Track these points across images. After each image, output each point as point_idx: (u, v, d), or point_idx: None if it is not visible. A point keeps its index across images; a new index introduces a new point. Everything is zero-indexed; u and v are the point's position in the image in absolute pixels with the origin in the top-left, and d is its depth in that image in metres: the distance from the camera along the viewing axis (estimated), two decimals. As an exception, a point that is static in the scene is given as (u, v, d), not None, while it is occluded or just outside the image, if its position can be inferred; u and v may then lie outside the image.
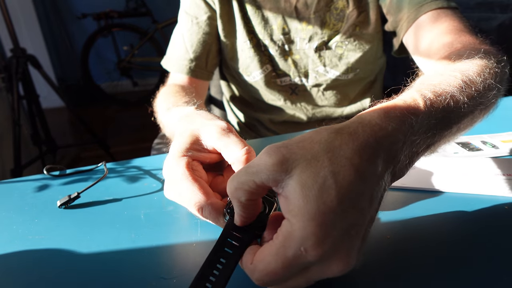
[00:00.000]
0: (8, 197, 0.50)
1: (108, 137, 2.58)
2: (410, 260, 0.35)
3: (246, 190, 0.29)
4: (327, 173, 0.26)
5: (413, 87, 0.37)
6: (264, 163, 0.28)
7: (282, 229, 0.27)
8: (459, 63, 0.44)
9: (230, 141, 0.39)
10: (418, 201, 0.44)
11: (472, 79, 0.39)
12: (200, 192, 0.36)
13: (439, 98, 0.34)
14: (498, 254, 0.35)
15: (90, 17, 3.15)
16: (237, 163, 0.38)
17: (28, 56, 1.83)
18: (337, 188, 0.26)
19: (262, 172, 0.28)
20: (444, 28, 0.62)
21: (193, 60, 0.76)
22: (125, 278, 0.34)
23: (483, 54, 0.46)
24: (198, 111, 0.48)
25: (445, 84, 0.37)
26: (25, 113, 1.97)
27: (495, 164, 0.50)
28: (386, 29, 0.73)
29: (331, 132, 0.29)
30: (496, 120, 0.66)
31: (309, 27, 0.74)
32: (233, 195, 0.29)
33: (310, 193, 0.26)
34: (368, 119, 0.30)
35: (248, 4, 0.74)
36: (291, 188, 0.27)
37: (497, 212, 0.41)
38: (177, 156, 0.39)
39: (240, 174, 0.29)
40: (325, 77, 0.77)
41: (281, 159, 0.27)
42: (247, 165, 0.29)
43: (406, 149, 0.31)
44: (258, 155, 0.29)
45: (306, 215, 0.26)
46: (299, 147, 0.28)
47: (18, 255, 0.38)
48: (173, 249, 0.38)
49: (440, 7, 0.64)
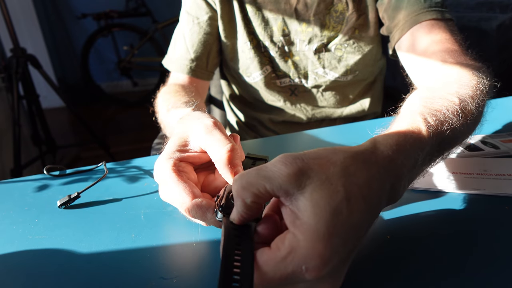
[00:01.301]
0: (8, 197, 0.50)
1: (108, 137, 2.58)
2: (410, 260, 0.35)
3: (253, 192, 0.28)
4: (340, 198, 0.27)
5: (416, 109, 0.39)
6: (278, 171, 0.28)
7: (286, 242, 0.27)
8: (456, 86, 0.46)
9: (213, 139, 0.39)
10: (418, 201, 0.44)
11: (468, 106, 0.42)
12: (184, 192, 0.37)
13: (441, 128, 0.37)
14: (498, 253, 0.35)
15: (90, 17, 3.15)
16: (219, 162, 0.38)
17: (28, 56, 1.83)
18: (347, 215, 0.27)
19: (275, 180, 0.28)
20: (437, 40, 0.62)
21: (194, 60, 0.76)
22: (125, 278, 0.34)
23: (476, 72, 0.49)
24: (192, 112, 0.48)
25: (445, 110, 0.39)
26: (25, 113, 1.97)
27: (495, 164, 0.50)
28: (381, 32, 0.73)
29: (347, 156, 0.29)
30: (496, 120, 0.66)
31: (308, 29, 0.74)
32: (239, 194, 0.29)
33: (321, 214, 0.26)
34: (381, 150, 0.32)
35: (249, 5, 0.74)
36: (302, 204, 0.27)
37: (497, 212, 0.41)
38: (164, 159, 0.40)
39: (251, 175, 0.29)
40: (324, 79, 0.77)
41: (297, 172, 0.28)
42: (259, 167, 0.29)
43: (406, 182, 0.34)
44: (273, 161, 0.29)
45: (315, 235, 0.26)
46: (316, 164, 0.28)
47: (18, 255, 0.38)
48: (173, 249, 0.38)
49: (435, 18, 0.64)
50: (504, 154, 0.53)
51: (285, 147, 0.64)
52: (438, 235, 0.38)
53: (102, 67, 3.51)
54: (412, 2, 0.65)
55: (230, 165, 0.37)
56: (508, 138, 0.58)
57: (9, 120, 1.79)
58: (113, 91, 3.54)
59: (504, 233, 0.38)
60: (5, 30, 1.82)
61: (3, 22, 1.81)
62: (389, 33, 0.70)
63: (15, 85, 1.74)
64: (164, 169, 0.39)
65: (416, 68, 0.65)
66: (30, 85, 1.85)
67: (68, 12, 3.33)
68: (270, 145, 0.64)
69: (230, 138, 0.40)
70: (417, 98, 0.43)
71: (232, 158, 0.37)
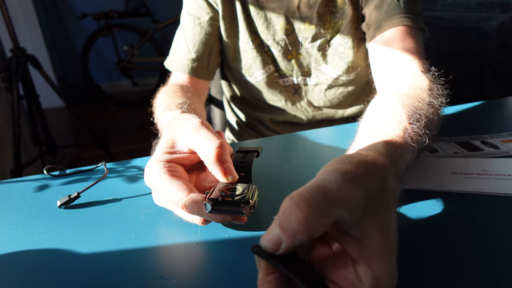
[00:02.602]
0: (8, 197, 0.50)
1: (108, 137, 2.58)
2: (410, 260, 0.35)
3: (325, 224, 0.24)
4: (392, 218, 0.27)
5: (403, 119, 0.42)
6: (348, 195, 0.24)
7: (364, 279, 0.24)
8: (427, 95, 0.50)
9: (201, 138, 0.39)
10: (418, 201, 0.44)
11: (435, 114, 0.47)
12: (179, 189, 0.37)
13: (423, 138, 0.41)
14: (499, 253, 0.35)
15: (90, 17, 3.15)
16: (208, 160, 0.38)
17: (28, 56, 1.83)
18: (395, 233, 0.28)
19: (346, 206, 0.24)
20: (409, 48, 0.65)
21: (195, 60, 0.76)
22: (125, 278, 0.34)
23: (439, 84, 0.55)
24: (180, 115, 0.49)
25: (424, 118, 0.43)
26: (25, 113, 1.97)
27: (495, 164, 0.50)
28: (362, 27, 0.73)
29: (385, 174, 0.29)
30: (496, 120, 0.66)
31: (311, 27, 0.74)
32: (307, 228, 0.23)
33: (388, 239, 0.26)
34: (394, 160, 0.34)
35: (251, 5, 0.74)
36: (368, 232, 0.25)
37: (497, 212, 0.41)
38: (153, 162, 0.40)
39: (318, 200, 0.24)
40: (326, 76, 0.77)
41: (364, 196, 0.25)
42: (322, 189, 0.25)
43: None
44: (333, 181, 0.25)
45: (388, 262, 0.25)
46: (367, 181, 0.27)
47: (18, 255, 0.38)
48: (173, 249, 0.38)
49: (410, 25, 0.66)
50: (504, 154, 0.53)
51: (286, 147, 0.64)
52: (437, 235, 0.38)
53: (102, 67, 3.51)
54: (392, 6, 0.67)
55: (219, 161, 0.37)
56: (508, 138, 0.58)
57: (9, 120, 1.79)
58: (113, 91, 3.54)
59: (504, 233, 0.38)
60: (5, 30, 1.82)
61: (3, 22, 1.81)
62: (366, 30, 0.72)
63: (15, 85, 1.74)
64: (155, 172, 0.39)
65: (383, 69, 0.67)
66: (30, 85, 1.85)
67: (68, 12, 3.33)
68: (270, 144, 0.64)
69: (217, 135, 0.40)
70: (398, 104, 0.46)
71: (221, 154, 0.37)
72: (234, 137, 0.95)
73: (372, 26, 0.69)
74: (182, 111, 0.53)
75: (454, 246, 0.36)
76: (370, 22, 0.70)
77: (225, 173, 0.38)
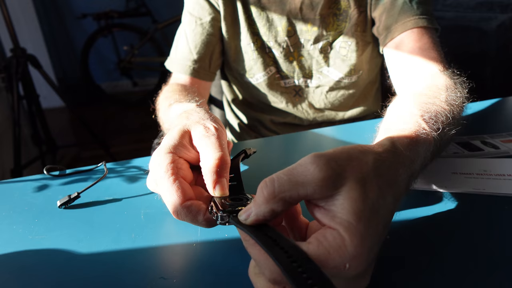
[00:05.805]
0: (8, 197, 0.50)
1: (108, 137, 2.58)
2: (410, 260, 0.35)
3: (286, 200, 0.27)
4: (376, 197, 0.28)
5: (417, 113, 0.42)
6: (312, 176, 0.27)
7: (330, 239, 0.26)
8: (445, 94, 0.50)
9: (206, 145, 0.39)
10: (418, 201, 0.44)
11: (454, 112, 0.46)
12: (176, 193, 0.36)
13: (441, 132, 0.41)
14: (499, 253, 0.35)
15: (90, 17, 3.15)
16: (205, 168, 0.38)
17: (28, 56, 1.83)
18: (383, 214, 0.28)
19: (309, 185, 0.27)
20: (425, 48, 0.65)
21: (196, 61, 0.76)
22: (125, 278, 0.34)
23: (456, 81, 0.55)
24: (198, 108, 0.48)
25: (440, 116, 0.43)
26: (25, 113, 1.97)
27: (495, 164, 0.50)
28: (373, 32, 0.73)
29: (377, 157, 0.30)
30: (496, 120, 0.66)
31: (314, 29, 0.74)
32: (268, 201, 0.28)
33: (361, 213, 0.26)
34: (401, 150, 0.34)
35: (253, 6, 0.74)
36: (339, 203, 0.27)
37: (497, 212, 0.41)
38: (164, 152, 0.39)
39: (282, 181, 0.27)
40: (328, 78, 0.77)
41: (332, 174, 0.27)
42: (290, 171, 0.28)
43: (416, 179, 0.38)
44: (303, 163, 0.28)
45: (358, 234, 0.26)
46: (350, 166, 0.28)
47: (18, 255, 0.38)
48: (173, 249, 0.38)
49: (425, 26, 0.66)
50: (504, 154, 0.53)
51: (286, 147, 0.64)
52: (437, 235, 0.38)
53: (102, 67, 3.51)
54: (405, 8, 0.67)
55: (215, 173, 0.37)
56: (508, 138, 0.58)
57: (9, 120, 1.79)
58: (113, 91, 3.54)
59: (504, 233, 0.38)
60: (5, 30, 1.82)
61: (3, 22, 1.81)
62: (379, 35, 0.71)
63: (15, 85, 1.74)
64: (162, 163, 0.38)
65: (401, 72, 0.67)
66: (30, 85, 1.85)
67: (68, 12, 3.33)
68: (271, 145, 0.64)
69: (224, 146, 0.39)
70: (412, 103, 0.46)
71: (219, 167, 0.37)
72: (234, 138, 0.95)
73: (385, 30, 0.69)
74: (197, 105, 0.52)
75: (454, 246, 0.36)
76: (383, 26, 0.69)
77: (214, 187, 0.37)
